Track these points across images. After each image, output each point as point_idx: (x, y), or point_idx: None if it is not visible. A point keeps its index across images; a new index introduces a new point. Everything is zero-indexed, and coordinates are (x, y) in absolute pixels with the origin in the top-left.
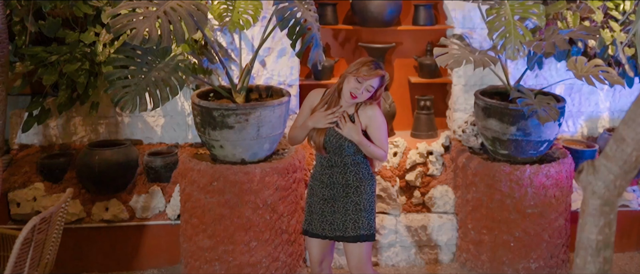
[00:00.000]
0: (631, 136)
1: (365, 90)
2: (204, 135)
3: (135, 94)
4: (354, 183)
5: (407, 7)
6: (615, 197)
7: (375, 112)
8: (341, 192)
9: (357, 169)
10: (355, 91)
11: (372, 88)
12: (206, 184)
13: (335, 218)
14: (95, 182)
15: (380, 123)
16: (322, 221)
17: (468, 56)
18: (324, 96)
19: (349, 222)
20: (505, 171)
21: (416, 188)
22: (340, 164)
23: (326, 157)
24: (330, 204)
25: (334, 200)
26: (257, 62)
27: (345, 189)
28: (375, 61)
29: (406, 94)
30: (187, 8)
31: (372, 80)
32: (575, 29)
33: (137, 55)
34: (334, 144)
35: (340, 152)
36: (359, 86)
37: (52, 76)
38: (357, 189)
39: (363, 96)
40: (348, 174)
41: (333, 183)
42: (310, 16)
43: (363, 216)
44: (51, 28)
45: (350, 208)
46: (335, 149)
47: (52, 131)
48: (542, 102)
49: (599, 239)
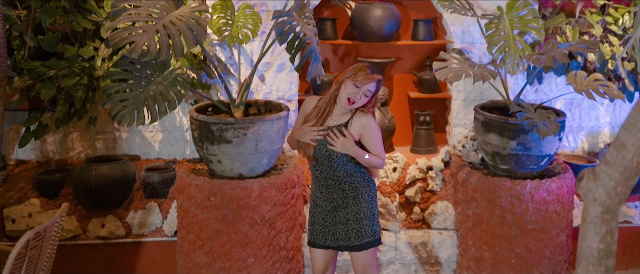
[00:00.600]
0: (632, 141)
1: (363, 95)
2: (202, 150)
3: (133, 107)
4: (351, 192)
5: (406, 22)
6: (617, 204)
7: (369, 121)
8: (340, 202)
9: (351, 179)
10: (353, 96)
11: (369, 92)
12: (203, 199)
13: (338, 229)
14: (92, 198)
15: (374, 131)
16: (324, 231)
17: (467, 70)
18: (318, 103)
19: (352, 232)
20: (505, 186)
21: (416, 204)
22: (333, 176)
23: (319, 169)
24: (332, 215)
25: (335, 211)
26: (256, 77)
27: (344, 200)
28: (371, 66)
29: (405, 109)
30: (186, 22)
31: (370, 84)
32: (575, 43)
33: (136, 69)
34: (324, 153)
35: (330, 162)
36: (357, 90)
37: (50, 91)
38: (356, 198)
39: (361, 101)
40: (343, 185)
41: (331, 194)
42: (309, 30)
43: (365, 224)
44: (50, 43)
45: (351, 217)
46: (325, 159)
47: (49, 146)
48: (542, 116)
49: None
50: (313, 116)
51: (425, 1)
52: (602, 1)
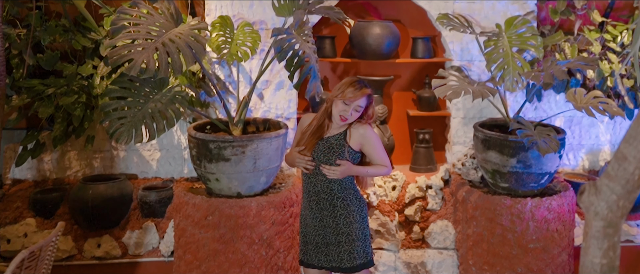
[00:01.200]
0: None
1: (353, 111)
2: (199, 168)
3: (130, 125)
4: (342, 210)
5: (405, 40)
6: (619, 218)
7: (367, 131)
8: (331, 222)
9: (344, 195)
10: (344, 113)
11: (360, 108)
12: (201, 218)
13: (330, 250)
14: (88, 217)
15: (374, 140)
16: (317, 251)
17: (467, 87)
18: (313, 121)
19: (344, 253)
20: (506, 205)
21: (415, 223)
22: (326, 189)
23: (313, 182)
24: (322, 236)
25: (325, 231)
26: (254, 95)
27: (334, 219)
28: (359, 80)
29: (405, 127)
30: (185, 39)
31: (359, 100)
32: (574, 60)
33: (134, 86)
34: (321, 160)
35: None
36: (347, 107)
37: (48, 109)
38: (346, 219)
39: (353, 117)
40: (335, 200)
41: (321, 210)
42: (308, 48)
43: (357, 246)
44: (49, 61)
45: (343, 239)
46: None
47: (46, 165)
48: (542, 134)
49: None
50: (309, 133)
51: (424, 19)
52: (601, 18)
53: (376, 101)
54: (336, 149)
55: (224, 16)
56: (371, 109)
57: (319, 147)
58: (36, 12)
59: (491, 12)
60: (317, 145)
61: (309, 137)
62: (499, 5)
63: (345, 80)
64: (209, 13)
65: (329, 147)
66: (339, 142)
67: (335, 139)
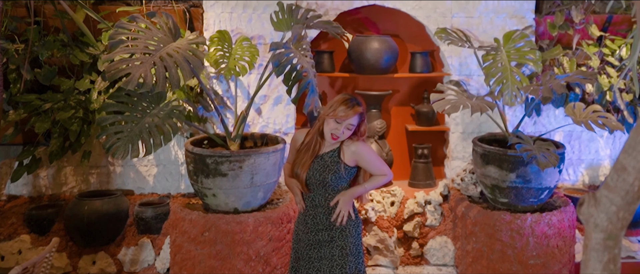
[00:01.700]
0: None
1: (345, 129)
2: (196, 183)
3: (127, 140)
4: (338, 226)
5: (403, 54)
6: (619, 230)
7: (358, 147)
8: (326, 236)
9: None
10: (336, 131)
11: (352, 126)
12: (197, 234)
13: (322, 264)
14: (84, 233)
15: (367, 154)
16: (309, 267)
17: (465, 101)
18: (306, 138)
19: (336, 268)
20: (505, 220)
21: (414, 239)
22: (324, 203)
23: (310, 197)
24: (317, 250)
25: (320, 245)
26: (252, 110)
27: (330, 233)
28: (352, 98)
29: (403, 142)
30: (183, 54)
31: (351, 118)
32: (572, 74)
33: (131, 101)
34: (317, 178)
35: (323, 187)
36: (339, 126)
37: (44, 124)
38: (342, 233)
39: (345, 135)
40: (332, 215)
41: (317, 225)
42: (306, 62)
43: (350, 261)
44: (47, 76)
45: (336, 252)
46: (319, 183)
47: (41, 181)
48: (542, 148)
49: None
50: (303, 150)
51: (423, 34)
52: (599, 33)
53: (375, 116)
54: (331, 167)
55: (222, 31)
56: (363, 127)
57: (314, 165)
58: (34, 27)
59: (489, 26)
60: (312, 163)
61: (303, 156)
62: (497, 19)
63: (337, 97)
64: (207, 28)
65: (324, 165)
66: (333, 159)
67: (329, 157)
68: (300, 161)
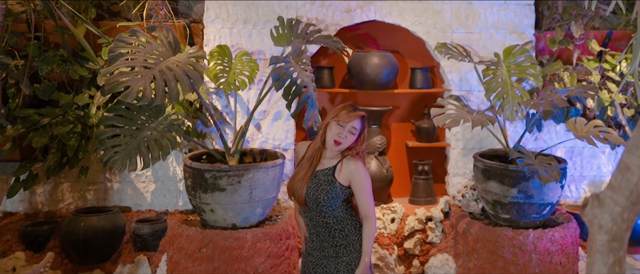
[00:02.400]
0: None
1: (348, 133)
2: (194, 198)
3: (125, 153)
4: (342, 241)
5: (403, 70)
6: (624, 231)
7: (358, 167)
8: (331, 252)
9: (341, 226)
10: (339, 136)
11: (355, 130)
12: (195, 250)
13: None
14: (79, 251)
15: (363, 178)
16: None
17: (466, 116)
18: (307, 150)
19: None
20: (507, 236)
21: (415, 257)
22: (322, 223)
23: (309, 216)
24: (323, 266)
25: (327, 261)
26: (252, 125)
27: (335, 249)
28: (352, 104)
29: (404, 158)
30: (183, 68)
31: (354, 121)
32: (574, 88)
33: (130, 114)
34: (312, 197)
35: (318, 208)
36: (342, 130)
37: (42, 139)
38: (346, 248)
39: (347, 141)
40: (334, 232)
41: (322, 242)
42: (306, 76)
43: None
44: (46, 91)
45: (342, 268)
46: (313, 203)
47: (38, 197)
48: (543, 163)
49: None
50: (305, 163)
51: (422, 50)
52: (599, 48)
53: (375, 132)
54: (324, 186)
55: (222, 45)
56: (365, 131)
57: (310, 183)
58: (34, 42)
59: (489, 42)
60: (310, 180)
61: (302, 170)
62: (497, 35)
63: (338, 106)
64: (207, 43)
65: (318, 183)
66: (327, 178)
67: (323, 175)
68: (298, 175)
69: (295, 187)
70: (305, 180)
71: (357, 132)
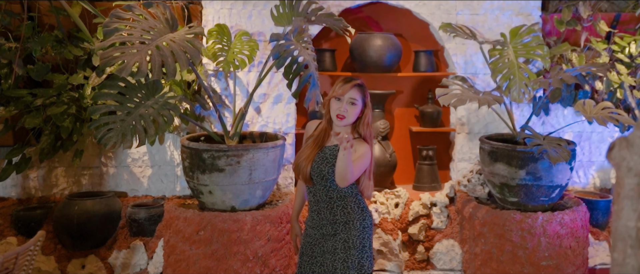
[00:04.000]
0: None
1: (348, 105)
2: (192, 180)
3: (120, 130)
4: (342, 219)
5: (407, 54)
6: None
7: (365, 146)
8: (330, 230)
9: (344, 203)
10: (340, 110)
11: (355, 100)
12: (192, 233)
13: (325, 259)
14: (73, 235)
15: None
16: (311, 263)
17: (472, 95)
18: (315, 131)
19: (338, 261)
20: (516, 219)
21: (420, 242)
22: (325, 198)
23: (312, 192)
24: (320, 245)
25: (324, 239)
26: (252, 108)
27: (334, 227)
28: (347, 76)
29: (407, 144)
30: (180, 44)
31: (350, 91)
32: (584, 65)
33: (125, 91)
34: (317, 171)
35: (322, 180)
36: (340, 103)
37: (35, 119)
38: (346, 226)
39: (350, 113)
40: (335, 209)
41: (321, 220)
42: (307, 55)
43: (352, 255)
44: (40, 72)
45: (339, 246)
46: (318, 176)
47: (31, 182)
48: (552, 143)
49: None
50: (311, 143)
51: (426, 33)
52: (608, 29)
53: (378, 116)
54: (330, 160)
55: (221, 24)
56: (368, 99)
57: (316, 158)
58: (28, 23)
59: (495, 24)
60: (316, 156)
61: (309, 148)
62: (503, 17)
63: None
64: (205, 24)
65: (324, 157)
66: (332, 153)
67: (329, 150)
68: (304, 154)
69: (301, 165)
70: (310, 158)
71: (358, 102)
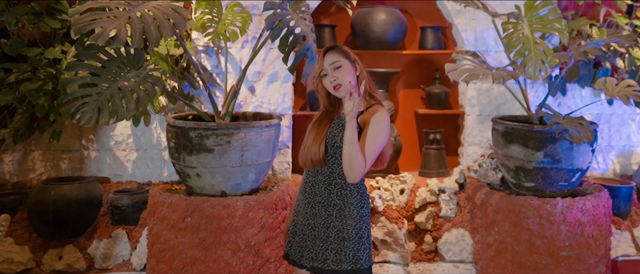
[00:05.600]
0: None
1: (334, 71)
2: (178, 162)
3: (96, 105)
4: (337, 201)
5: (412, 32)
6: None
7: (383, 112)
8: (323, 212)
9: (344, 183)
10: (331, 83)
11: (336, 61)
12: (178, 220)
13: (316, 245)
14: (49, 223)
15: (382, 127)
16: (301, 246)
17: (484, 70)
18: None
19: (330, 252)
20: (533, 205)
21: (427, 232)
22: (327, 171)
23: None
24: (311, 226)
25: (315, 221)
26: (245, 87)
27: (327, 209)
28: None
29: (413, 128)
30: (164, 10)
31: (327, 58)
32: (609, 37)
33: (103, 61)
34: (331, 143)
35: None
36: (327, 77)
37: (7, 97)
38: (341, 211)
39: (342, 78)
40: (332, 187)
41: (315, 195)
42: (304, 25)
43: (347, 247)
44: (14, 46)
45: (332, 235)
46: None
47: (5, 167)
48: (573, 122)
49: None
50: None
51: (433, 9)
52: (629, 1)
53: (382, 97)
54: (341, 127)
55: None
56: (353, 57)
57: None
58: None
59: None
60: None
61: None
62: None
63: None
64: None
65: (339, 123)
66: (342, 122)
67: (339, 119)
68: (309, 137)
69: (311, 151)
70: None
71: (341, 61)
